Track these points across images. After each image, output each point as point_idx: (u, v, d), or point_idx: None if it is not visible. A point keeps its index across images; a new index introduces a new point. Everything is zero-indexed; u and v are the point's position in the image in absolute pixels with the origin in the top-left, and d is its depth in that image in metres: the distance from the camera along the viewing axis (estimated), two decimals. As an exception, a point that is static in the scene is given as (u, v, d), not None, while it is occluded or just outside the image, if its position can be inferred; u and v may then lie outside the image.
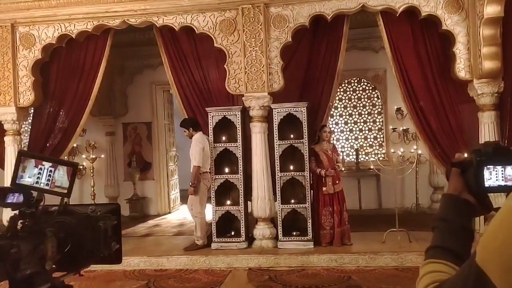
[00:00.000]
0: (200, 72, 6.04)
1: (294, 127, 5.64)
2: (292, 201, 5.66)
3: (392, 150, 6.67)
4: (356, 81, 8.03)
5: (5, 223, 1.70)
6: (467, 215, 0.80)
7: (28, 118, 6.43)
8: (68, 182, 1.43)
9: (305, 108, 5.52)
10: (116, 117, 8.37)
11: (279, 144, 5.59)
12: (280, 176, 5.60)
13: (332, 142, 6.18)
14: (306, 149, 5.57)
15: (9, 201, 1.61)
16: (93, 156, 7.94)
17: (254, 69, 5.48)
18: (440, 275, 0.81)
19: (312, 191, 5.68)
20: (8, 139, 5.98)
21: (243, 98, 5.57)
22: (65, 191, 1.42)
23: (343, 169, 6.21)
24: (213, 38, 5.53)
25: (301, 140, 5.57)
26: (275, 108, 5.58)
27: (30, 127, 6.50)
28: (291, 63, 5.80)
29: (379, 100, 7.98)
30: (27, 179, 1.57)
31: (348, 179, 7.17)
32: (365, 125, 8.07)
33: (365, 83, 8.00)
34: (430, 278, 0.79)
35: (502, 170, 0.93)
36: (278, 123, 5.56)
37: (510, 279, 0.64)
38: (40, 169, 1.62)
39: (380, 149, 8.00)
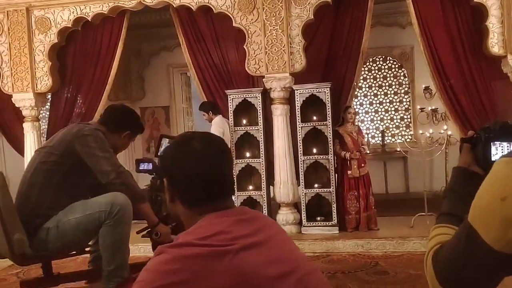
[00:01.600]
0: (219, 53, 6.02)
1: (317, 109, 5.62)
2: (316, 185, 5.66)
3: (420, 131, 6.55)
4: (381, 59, 7.91)
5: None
6: (475, 185, 0.88)
7: (46, 104, 6.51)
8: None
9: (328, 89, 5.48)
10: (133, 101, 8.40)
11: (301, 127, 5.58)
12: (303, 160, 5.60)
13: (357, 124, 6.14)
14: (330, 131, 5.54)
15: (141, 168, 2.96)
16: None
17: (275, 49, 5.45)
18: (445, 237, 0.93)
19: (336, 174, 5.68)
20: (27, 126, 6.07)
21: (263, 79, 5.55)
22: None
23: (368, 151, 6.15)
24: (232, 18, 5.49)
25: (324, 122, 5.54)
26: (297, 89, 5.55)
27: (48, 113, 6.60)
28: (313, 42, 5.76)
29: (406, 79, 7.86)
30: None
31: (374, 162, 7.14)
32: (391, 106, 7.98)
33: (391, 61, 7.88)
34: (437, 240, 0.92)
35: (508, 146, 1.06)
36: (301, 105, 5.54)
37: (493, 232, 0.79)
38: None
39: (407, 130, 7.91)
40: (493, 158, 1.05)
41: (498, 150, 1.06)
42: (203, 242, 1.09)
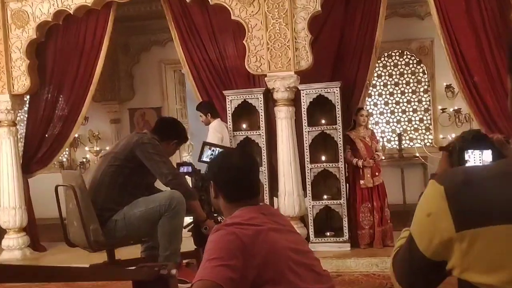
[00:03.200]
0: (216, 49, 6.06)
1: (326, 111, 5.63)
2: (325, 196, 5.66)
3: (441, 136, 6.59)
4: (397, 54, 7.91)
5: None
6: None
7: (24, 107, 6.57)
8: None
9: (338, 89, 5.48)
10: (122, 102, 8.48)
11: (308, 131, 5.58)
12: (310, 168, 5.59)
13: (370, 127, 6.18)
14: (340, 136, 5.54)
15: (181, 170, 3.89)
16: (97, 148, 8.07)
17: (278, 45, 5.46)
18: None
19: (347, 184, 5.69)
20: (2, 131, 6.08)
21: (265, 78, 5.54)
22: None
23: (383, 158, 6.16)
24: (230, 10, 5.49)
25: (334, 126, 5.54)
26: (303, 89, 5.56)
27: (26, 116, 6.63)
28: (321, 36, 5.77)
29: (425, 76, 7.84)
30: (204, 158, 4.24)
31: (390, 170, 7.12)
32: (408, 106, 7.96)
33: (409, 56, 7.87)
34: (400, 242, 1.17)
35: (479, 155, 1.29)
36: (307, 107, 5.55)
37: (423, 242, 1.02)
38: (213, 150, 4.25)
39: (427, 133, 7.88)
40: (466, 165, 1.28)
41: (470, 158, 1.29)
42: (245, 222, 1.83)
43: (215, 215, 3.72)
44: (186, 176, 4.00)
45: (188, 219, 3.85)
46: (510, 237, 0.94)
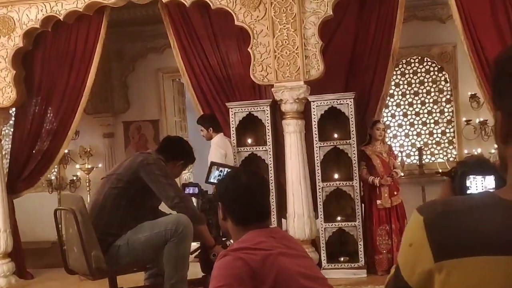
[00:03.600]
0: (218, 57, 6.06)
1: (339, 124, 5.60)
2: (338, 218, 5.61)
3: (466, 151, 6.48)
4: (417, 60, 7.76)
5: None
6: None
7: (10, 120, 6.45)
8: None
9: (352, 100, 5.43)
10: (115, 114, 8.35)
11: (320, 147, 5.52)
12: (322, 187, 5.54)
13: (387, 142, 6.14)
14: (355, 151, 5.48)
15: (186, 191, 3.83)
16: (89, 166, 7.95)
17: (286, 52, 5.37)
18: None
19: (363, 205, 5.64)
20: None
21: (272, 89, 5.47)
22: None
23: (402, 175, 6.10)
24: (233, 14, 5.40)
25: (347, 141, 5.48)
26: (313, 101, 5.50)
27: (12, 130, 6.54)
28: (333, 42, 5.74)
29: (448, 85, 7.68)
30: (212, 179, 3.88)
31: (410, 188, 6.91)
32: (430, 117, 7.79)
33: (429, 63, 7.73)
34: (392, 271, 1.17)
35: (482, 180, 1.34)
36: (318, 120, 5.50)
37: (407, 271, 1.06)
38: (221, 171, 3.90)
39: (450, 147, 7.73)
40: (468, 191, 1.33)
41: (472, 184, 1.34)
42: (253, 246, 1.83)
43: (223, 239, 3.78)
44: (192, 198, 4.02)
45: (195, 245, 3.87)
46: (487, 268, 0.99)
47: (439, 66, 7.66)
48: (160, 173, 3.54)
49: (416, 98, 7.81)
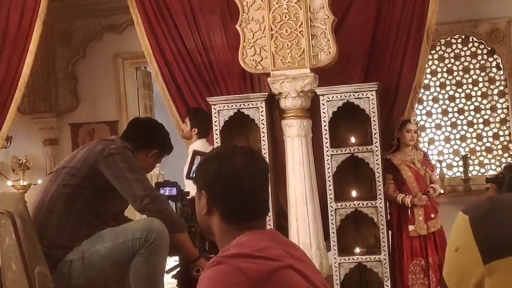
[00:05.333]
0: (196, 37, 5.84)
1: (357, 125, 5.47)
2: (357, 250, 5.40)
3: None
4: (460, 41, 7.46)
5: None
6: None
7: None
8: None
9: (374, 93, 5.17)
10: (60, 114, 8.08)
11: (332, 155, 5.29)
12: (335, 209, 5.31)
13: (422, 148, 6.00)
14: (379, 161, 5.25)
15: (162, 192, 3.70)
16: (25, 183, 7.72)
17: (286, 30, 5.14)
18: None
19: (390, 232, 5.45)
20: None
21: (268, 79, 5.23)
22: None
23: (442, 192, 5.90)
24: None
25: (369, 147, 5.27)
26: (323, 94, 5.24)
27: None
28: (348, 17, 5.57)
29: (501, 72, 7.36)
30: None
31: (452, 209, 6.40)
32: (477, 115, 7.47)
33: (476, 44, 7.42)
34: None
35: None
36: (330, 119, 5.26)
37: (453, 283, 1.20)
38: None
39: (505, 155, 7.47)
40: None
41: None
42: (258, 254, 1.66)
43: (210, 256, 3.42)
44: (170, 201, 3.75)
45: (172, 261, 3.67)
46: None
47: (489, 48, 7.33)
48: (125, 166, 3.35)
49: (459, 90, 7.47)
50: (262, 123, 5.38)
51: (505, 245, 1.10)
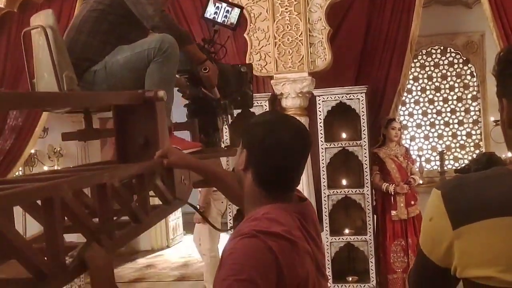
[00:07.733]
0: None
1: (348, 123, 5.64)
2: (347, 231, 5.60)
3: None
4: (439, 51, 7.77)
5: None
6: None
7: None
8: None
9: (364, 95, 5.41)
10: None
11: (325, 148, 5.54)
12: (327, 195, 5.55)
13: (404, 144, 6.17)
14: (366, 154, 5.48)
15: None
16: (59, 168, 7.52)
17: (288, 39, 5.39)
18: None
19: (375, 216, 5.65)
20: None
21: (272, 81, 5.46)
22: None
23: (421, 182, 6.05)
24: None
25: (358, 142, 5.49)
26: (319, 95, 5.49)
27: None
28: (342, 28, 5.76)
29: (474, 79, 7.68)
30: (208, 15, 3.69)
31: (429, 197, 6.90)
32: (453, 117, 7.79)
33: (453, 54, 7.73)
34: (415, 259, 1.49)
35: None
36: (325, 117, 5.50)
37: (428, 248, 1.36)
38: (217, 7, 3.75)
39: (476, 151, 7.72)
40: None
41: None
42: (286, 235, 1.61)
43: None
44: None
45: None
46: (502, 228, 1.22)
47: (465, 58, 7.67)
48: None
49: (438, 94, 7.81)
50: (266, 120, 5.63)
51: (470, 213, 1.22)
